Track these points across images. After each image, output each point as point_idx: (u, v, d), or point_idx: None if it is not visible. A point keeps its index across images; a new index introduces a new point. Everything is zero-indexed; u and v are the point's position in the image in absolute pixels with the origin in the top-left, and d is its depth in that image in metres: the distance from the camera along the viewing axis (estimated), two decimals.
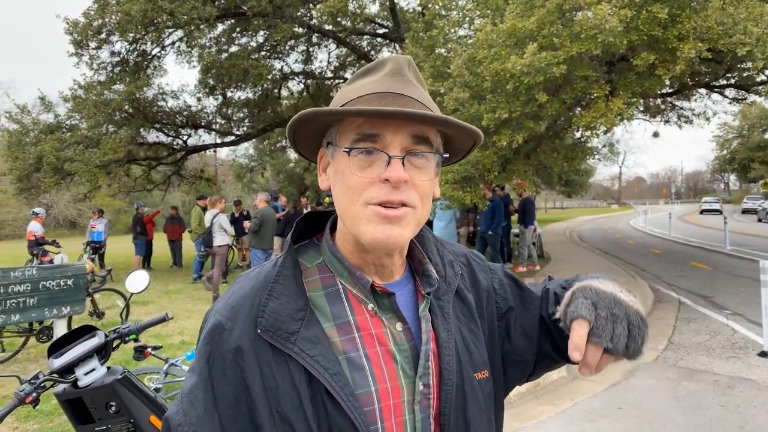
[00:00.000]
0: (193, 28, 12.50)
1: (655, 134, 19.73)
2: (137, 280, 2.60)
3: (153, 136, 15.61)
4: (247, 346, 0.78)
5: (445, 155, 0.88)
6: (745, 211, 39.65)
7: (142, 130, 14.43)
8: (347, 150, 0.80)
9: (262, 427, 0.76)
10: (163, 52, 14.49)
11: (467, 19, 9.13)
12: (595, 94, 6.95)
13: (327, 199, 14.80)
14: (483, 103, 7.44)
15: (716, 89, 14.32)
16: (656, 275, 11.48)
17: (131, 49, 13.66)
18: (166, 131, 15.76)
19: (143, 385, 2.28)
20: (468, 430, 0.85)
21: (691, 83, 11.78)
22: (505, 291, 1.03)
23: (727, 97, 15.36)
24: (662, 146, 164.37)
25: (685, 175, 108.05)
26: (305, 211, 13.50)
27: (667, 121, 17.66)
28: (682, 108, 17.06)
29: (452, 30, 9.00)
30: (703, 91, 14.76)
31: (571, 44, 6.37)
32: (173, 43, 14.38)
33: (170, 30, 13.17)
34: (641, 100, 10.15)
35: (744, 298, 8.69)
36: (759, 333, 6.29)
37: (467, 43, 8.53)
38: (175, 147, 16.20)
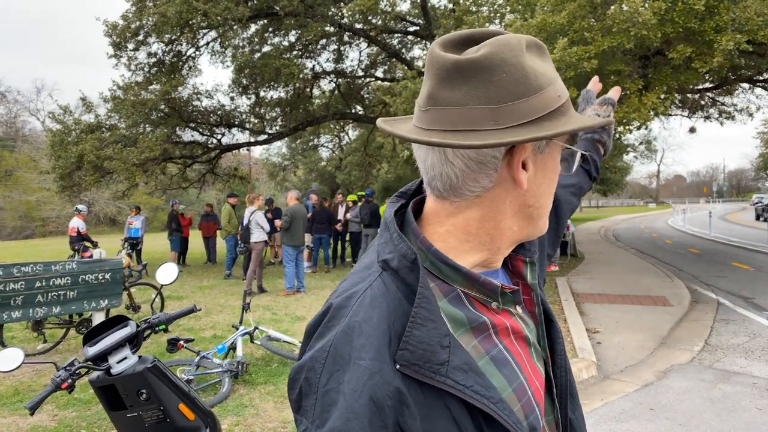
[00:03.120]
0: (226, 28, 12.74)
1: (692, 129, 19.15)
2: (167, 273, 2.68)
3: (188, 135, 15.96)
4: (404, 388, 0.66)
5: None
6: None
7: (177, 129, 14.77)
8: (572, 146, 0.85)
9: None
10: (197, 52, 14.79)
11: (498, 14, 9.04)
12: (629, 89, 6.80)
13: (351, 196, 14.84)
14: None
15: (759, 83, 13.82)
16: (694, 275, 11.17)
17: (167, 50, 14.00)
18: (200, 130, 16.08)
19: (172, 374, 2.35)
20: (568, 371, 0.90)
21: (732, 77, 11.41)
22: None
23: None
24: (703, 143, 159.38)
25: (727, 173, 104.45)
26: (340, 208, 13.64)
27: (707, 117, 17.12)
28: (723, 103, 16.52)
29: (483, 26, 8.92)
30: (745, 85, 14.26)
31: (602, 38, 6.25)
32: (207, 43, 14.66)
33: (204, 30, 13.45)
34: (677, 95, 9.87)
35: None
36: None
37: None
38: (209, 146, 16.52)
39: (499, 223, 0.78)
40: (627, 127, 7.14)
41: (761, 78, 13.01)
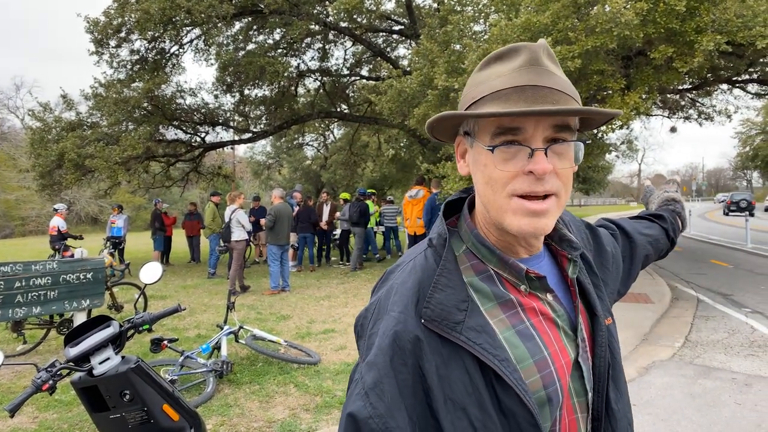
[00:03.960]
0: (210, 26, 12.63)
1: (673, 129, 19.41)
2: (151, 272, 2.65)
3: (171, 133, 15.82)
4: (423, 337, 0.83)
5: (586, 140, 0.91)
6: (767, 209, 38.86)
7: (160, 127, 14.63)
8: (490, 148, 0.82)
9: (438, 413, 0.80)
10: (181, 50, 14.65)
11: (482, 14, 9.08)
12: (611, 89, 6.87)
13: (344, 195, 14.84)
14: None
15: (738, 84, 14.05)
16: (674, 273, 11.34)
17: (150, 47, 13.84)
18: (184, 128, 15.94)
19: (156, 374, 2.32)
20: (615, 365, 0.96)
21: (711, 78, 11.59)
22: (612, 245, 1.20)
23: (749, 92, 15.07)
24: (683, 143, 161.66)
25: (706, 173, 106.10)
26: (325, 207, 13.62)
27: (687, 118, 17.36)
28: (702, 104, 16.77)
29: (467, 26, 8.96)
30: (724, 87, 14.49)
31: (586, 38, 6.31)
32: (191, 41, 14.52)
33: (188, 28, 13.31)
34: (659, 95, 10.00)
35: (764, 296, 8.55)
36: None
37: (482, 38, 8.49)
38: (193, 144, 16.38)
39: (480, 209, 0.92)
40: (609, 126, 7.22)
41: (740, 79, 13.24)
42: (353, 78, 19.15)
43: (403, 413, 0.80)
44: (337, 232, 14.75)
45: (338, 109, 18.84)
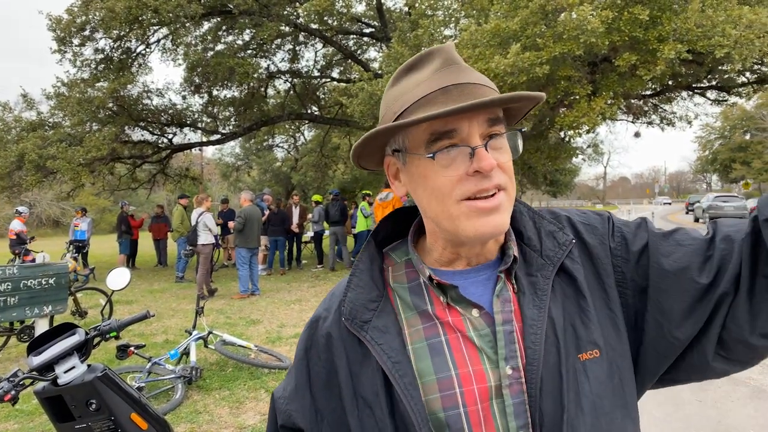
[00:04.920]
0: (178, 25, 12.42)
1: (637, 134, 20.02)
2: (118, 278, 2.59)
3: (138, 134, 15.50)
4: (336, 333, 0.87)
5: (523, 129, 0.85)
6: None
7: (126, 128, 14.30)
8: (431, 155, 0.77)
9: (345, 409, 0.83)
10: (147, 49, 14.38)
11: (453, 19, 9.18)
12: (578, 94, 7.03)
13: (316, 197, 14.78)
14: None
15: (698, 91, 14.53)
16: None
17: (115, 46, 13.54)
18: (151, 129, 15.64)
19: (124, 383, 2.26)
20: (562, 416, 0.76)
21: (673, 85, 11.95)
22: (624, 249, 0.87)
23: (708, 98, 15.59)
24: (646, 147, 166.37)
25: (668, 176, 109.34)
26: (294, 210, 13.54)
27: (650, 123, 17.87)
28: (664, 110, 17.28)
29: (438, 30, 9.04)
30: (685, 93, 14.96)
31: (554, 44, 6.44)
32: (158, 40, 14.26)
33: (155, 27, 13.07)
34: (623, 101, 10.28)
35: None
36: None
37: (453, 43, 8.58)
38: (160, 145, 16.08)
39: (428, 225, 0.88)
40: (577, 131, 7.39)
41: (700, 86, 13.69)
42: (324, 80, 19.10)
43: (306, 401, 0.90)
44: (310, 234, 14.68)
45: (309, 111, 18.75)
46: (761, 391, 4.69)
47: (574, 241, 0.87)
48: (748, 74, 12.20)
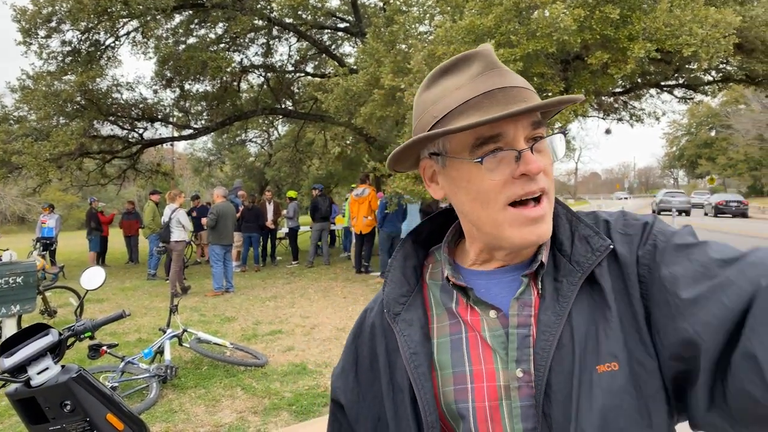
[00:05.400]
0: (148, 18, 12.15)
1: (608, 131, 20.42)
2: (92, 277, 2.54)
3: (107, 128, 15.13)
4: (378, 323, 0.94)
5: (566, 131, 0.88)
6: (693, 206, 41.31)
7: (95, 122, 13.96)
8: (479, 159, 0.78)
9: (384, 393, 0.90)
10: (117, 42, 14.02)
11: (427, 15, 9.20)
12: (551, 91, 7.14)
13: (290, 192, 14.68)
14: None
15: (666, 89, 14.87)
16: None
17: (83, 38, 13.18)
18: (120, 124, 15.29)
19: (99, 383, 2.24)
20: (569, 426, 0.74)
21: (642, 82, 12.21)
22: (652, 260, 0.78)
23: (676, 96, 15.96)
24: (616, 143, 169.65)
25: (637, 171, 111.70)
26: (268, 206, 13.43)
27: (620, 119, 18.22)
28: (634, 107, 17.64)
29: (413, 26, 9.05)
30: (653, 90, 15.29)
31: (527, 42, 6.52)
32: (128, 33, 13.93)
33: (125, 20, 12.77)
34: (594, 98, 10.46)
35: None
36: None
37: (427, 39, 8.61)
38: (130, 140, 15.75)
39: (465, 226, 0.90)
40: (550, 128, 7.49)
41: (667, 84, 14.02)
42: (298, 74, 18.95)
43: (349, 381, 0.97)
44: (285, 230, 14.60)
45: (283, 106, 18.58)
46: None
47: (611, 246, 0.81)
48: (713, 73, 12.53)
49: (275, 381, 4.99)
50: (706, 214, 32.10)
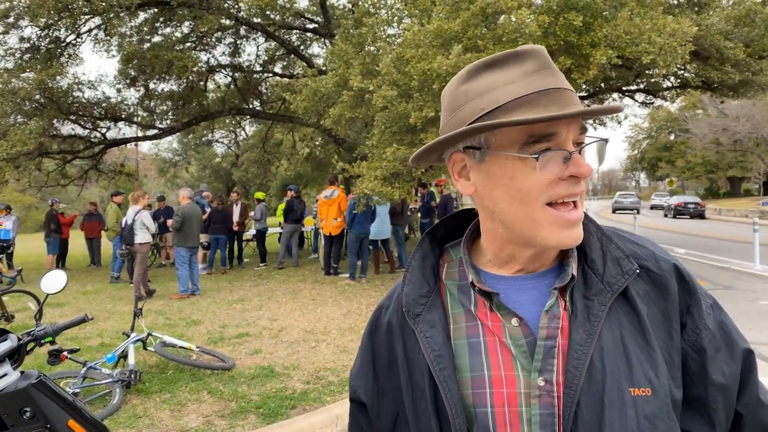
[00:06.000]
0: (111, 15, 11.89)
1: None
2: (53, 281, 2.49)
3: (68, 128, 14.73)
4: (395, 321, 0.93)
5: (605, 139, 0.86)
6: (653, 207, 42.56)
7: (55, 121, 13.56)
8: (535, 156, 0.77)
9: (403, 390, 0.89)
10: (78, 39, 13.67)
11: (396, 18, 9.26)
12: None
13: (258, 194, 14.54)
14: (411, 101, 7.60)
15: (627, 93, 15.29)
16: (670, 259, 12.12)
17: (43, 35, 12.80)
18: (82, 123, 14.90)
19: (61, 389, 2.20)
20: None
21: (604, 87, 12.53)
22: (698, 332, 0.85)
23: (637, 101, 16.44)
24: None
25: (601, 173, 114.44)
26: (235, 207, 13.28)
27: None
28: None
29: (381, 28, 9.10)
30: (615, 95, 15.71)
31: (494, 47, 6.64)
32: (90, 30, 13.59)
33: (87, 16, 12.47)
34: None
35: None
36: None
37: (396, 42, 8.67)
38: (92, 140, 15.37)
39: (486, 225, 0.89)
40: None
41: (629, 89, 14.43)
42: (266, 75, 18.81)
43: (369, 379, 0.97)
44: (252, 232, 14.46)
45: (251, 106, 18.42)
46: None
47: (638, 271, 0.85)
48: (672, 79, 12.95)
49: (242, 384, 4.95)
50: (666, 216, 33.07)
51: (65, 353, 2.84)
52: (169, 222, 10.41)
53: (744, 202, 36.93)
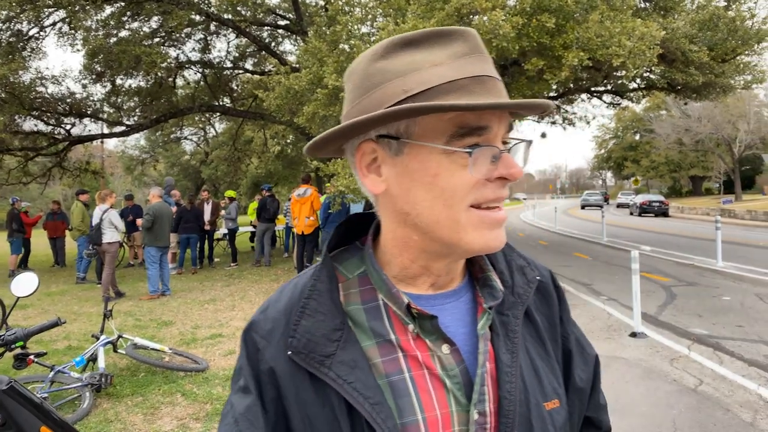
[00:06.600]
0: (77, 8, 11.57)
1: (543, 135, 21.25)
2: (25, 283, 2.41)
3: (30, 123, 14.30)
4: (282, 370, 0.70)
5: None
6: (619, 206, 43.57)
7: (17, 117, 13.14)
8: (468, 150, 0.65)
9: None
10: (42, 33, 13.27)
11: (369, 17, 9.25)
12: None
13: (229, 192, 14.35)
14: None
15: (595, 94, 15.63)
16: (544, 266, 12.32)
17: (4, 27, 12.38)
18: (45, 119, 14.48)
19: (33, 394, 2.13)
20: None
21: (574, 88, 12.77)
22: (567, 336, 0.87)
23: (605, 101, 16.83)
24: (550, 145, 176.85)
25: (569, 172, 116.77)
26: (206, 206, 13.07)
27: (553, 123, 19.02)
28: (566, 111, 18.46)
29: (355, 27, 9.08)
30: (584, 96, 16.04)
31: None
32: (54, 23, 13.21)
33: (51, 9, 12.10)
34: None
35: (618, 285, 9.59)
36: (630, 316, 6.97)
37: (371, 40, 8.65)
38: (56, 136, 14.93)
39: (395, 232, 0.73)
40: None
41: (597, 90, 14.75)
42: (237, 71, 18.58)
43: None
44: (222, 231, 14.28)
45: (221, 103, 18.17)
46: (651, 371, 5.17)
47: (539, 278, 0.82)
48: (638, 80, 13.29)
49: (217, 386, 4.88)
50: (631, 214, 33.86)
51: (32, 357, 2.76)
52: (139, 221, 10.18)
53: (705, 201, 38.18)
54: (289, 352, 0.70)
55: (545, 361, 0.79)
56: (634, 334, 6.38)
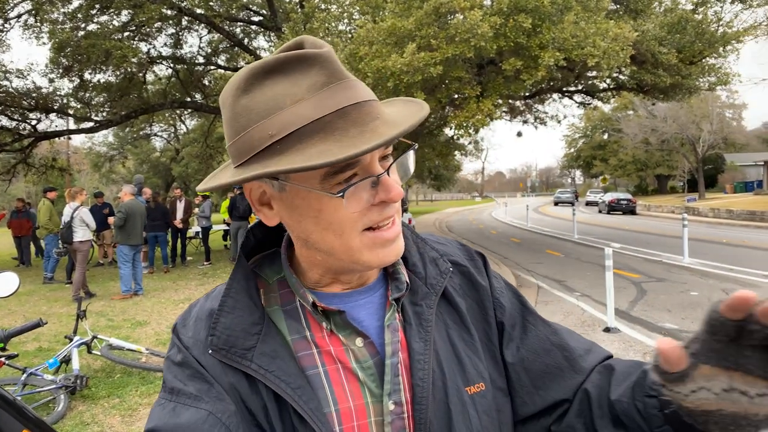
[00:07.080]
0: (43, 0, 11.23)
1: (519, 134, 21.59)
2: (4, 283, 2.34)
3: None
4: (211, 365, 0.72)
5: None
6: (588, 204, 44.40)
7: None
8: (340, 194, 0.66)
9: None
10: (6, 25, 12.85)
11: (346, 15, 9.23)
12: (468, 94, 7.43)
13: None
14: None
15: (567, 94, 15.91)
16: (517, 263, 12.51)
17: None
18: (9, 114, 14.03)
19: (14, 397, 2.08)
20: None
21: (546, 87, 12.98)
22: (503, 297, 0.89)
23: (575, 101, 17.14)
24: (521, 144, 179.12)
25: (539, 171, 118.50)
26: (178, 204, 12.86)
27: (525, 122, 19.30)
28: (538, 110, 18.75)
29: (333, 24, 9.05)
30: (556, 96, 16.31)
31: (446, 46, 6.75)
32: (19, 15, 12.80)
33: (16, 1, 11.72)
34: (507, 102, 11.00)
35: (590, 281, 9.78)
36: (603, 312, 7.13)
37: (348, 38, 8.64)
38: (21, 132, 14.48)
39: (301, 251, 0.78)
40: (467, 131, 7.80)
41: (569, 90, 15.02)
42: (209, 67, 18.31)
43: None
44: (195, 229, 14.07)
45: (193, 99, 17.87)
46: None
47: (451, 269, 0.85)
48: (608, 81, 13.58)
49: None
50: (600, 212, 34.55)
51: (3, 359, 2.68)
52: (111, 219, 9.96)
53: (671, 199, 39.21)
54: (210, 352, 0.72)
55: (469, 345, 0.81)
56: (608, 329, 6.52)
